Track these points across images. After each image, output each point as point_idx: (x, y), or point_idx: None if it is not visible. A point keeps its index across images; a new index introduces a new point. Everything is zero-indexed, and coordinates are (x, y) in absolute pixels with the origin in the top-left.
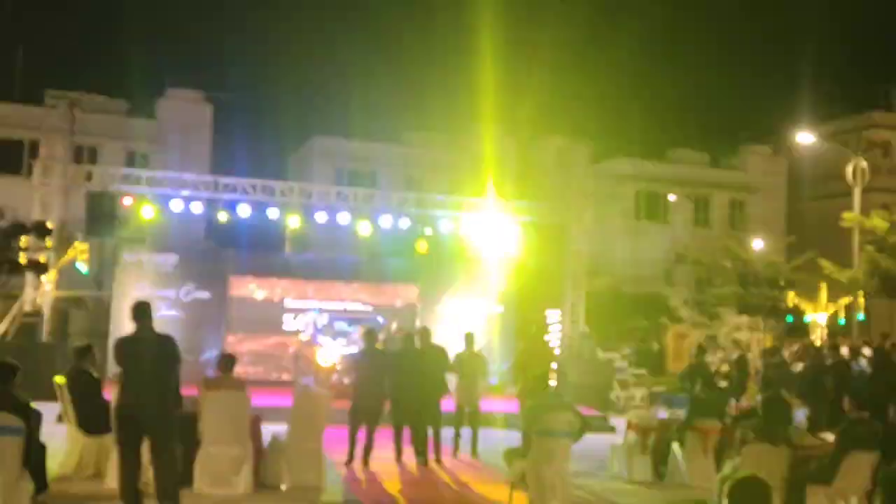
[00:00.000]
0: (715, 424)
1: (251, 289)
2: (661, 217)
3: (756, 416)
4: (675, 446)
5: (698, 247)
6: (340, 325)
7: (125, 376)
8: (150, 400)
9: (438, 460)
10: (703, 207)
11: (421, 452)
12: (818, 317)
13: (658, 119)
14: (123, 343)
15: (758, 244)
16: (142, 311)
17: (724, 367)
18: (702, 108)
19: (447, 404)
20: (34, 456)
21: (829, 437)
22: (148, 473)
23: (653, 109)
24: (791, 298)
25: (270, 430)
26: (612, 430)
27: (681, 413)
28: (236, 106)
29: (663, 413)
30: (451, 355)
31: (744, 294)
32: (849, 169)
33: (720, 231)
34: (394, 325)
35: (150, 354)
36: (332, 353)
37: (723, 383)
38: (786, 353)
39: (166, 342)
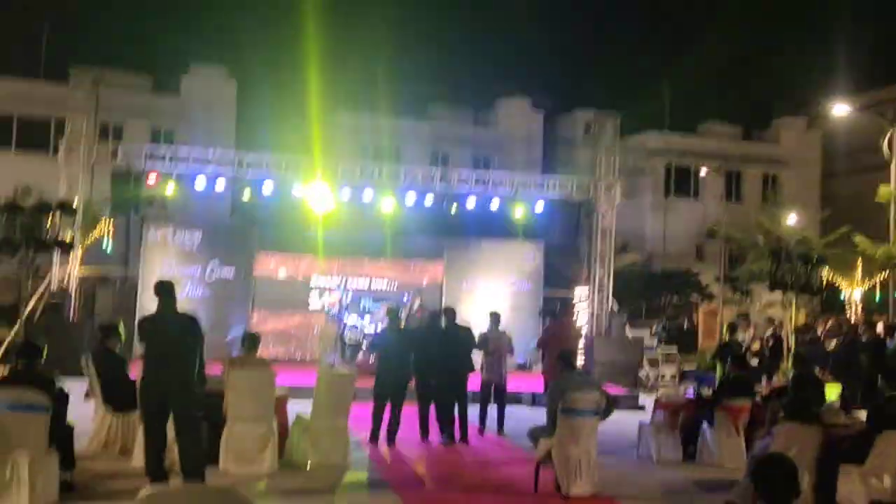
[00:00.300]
0: (745, 403)
1: (276, 266)
2: (692, 192)
3: (788, 395)
4: (705, 425)
5: (730, 222)
6: (366, 303)
7: (149, 355)
8: (173, 378)
9: (464, 439)
10: (735, 182)
11: (447, 431)
12: (853, 293)
13: (689, 91)
14: (147, 322)
15: (791, 219)
16: (165, 290)
17: (756, 345)
18: (734, 80)
19: (473, 383)
20: (61, 433)
21: (863, 415)
22: (174, 451)
23: (683, 81)
24: (825, 274)
25: (296, 408)
26: (640, 408)
27: (711, 391)
28: (261, 82)
29: (693, 391)
30: (477, 333)
31: (776, 270)
32: (885, 141)
33: (752, 206)
34: (416, 303)
35: (174, 333)
36: (358, 331)
37: (754, 361)
38: (819, 330)
39: (189, 320)
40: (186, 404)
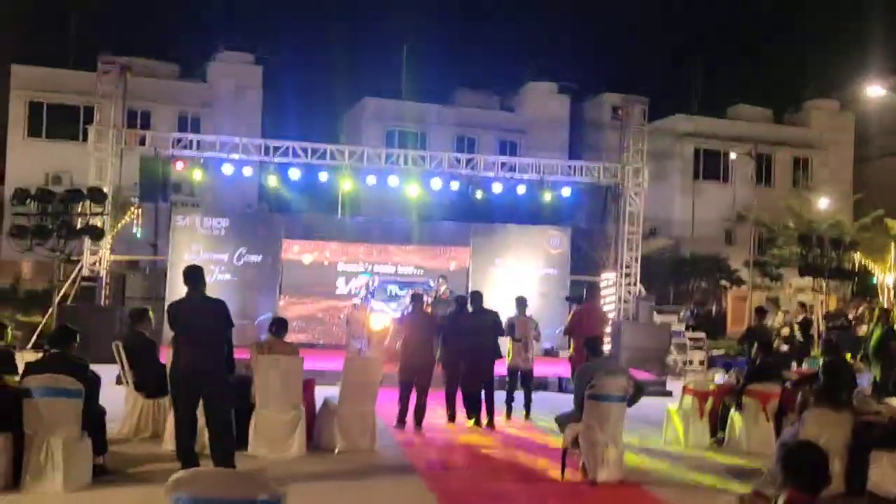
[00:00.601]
0: (773, 389)
1: (302, 252)
2: (722, 176)
3: (818, 381)
4: (734, 411)
5: (760, 206)
6: (393, 289)
7: (178, 340)
8: (202, 363)
9: (491, 424)
10: (766, 165)
11: (473, 416)
12: (886, 278)
13: (718, 74)
14: (175, 307)
15: (823, 203)
16: (193, 275)
17: (786, 331)
18: (764, 61)
19: (500, 368)
20: (93, 418)
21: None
22: (204, 436)
23: (713, 64)
24: (857, 259)
25: (323, 393)
26: (668, 394)
27: (739, 377)
28: (286, 68)
29: (722, 377)
30: (504, 319)
31: (807, 254)
32: None
33: (783, 190)
34: (442, 288)
35: (202, 318)
36: (385, 317)
37: (784, 347)
38: (851, 315)
39: (218, 306)
40: (216, 389)
